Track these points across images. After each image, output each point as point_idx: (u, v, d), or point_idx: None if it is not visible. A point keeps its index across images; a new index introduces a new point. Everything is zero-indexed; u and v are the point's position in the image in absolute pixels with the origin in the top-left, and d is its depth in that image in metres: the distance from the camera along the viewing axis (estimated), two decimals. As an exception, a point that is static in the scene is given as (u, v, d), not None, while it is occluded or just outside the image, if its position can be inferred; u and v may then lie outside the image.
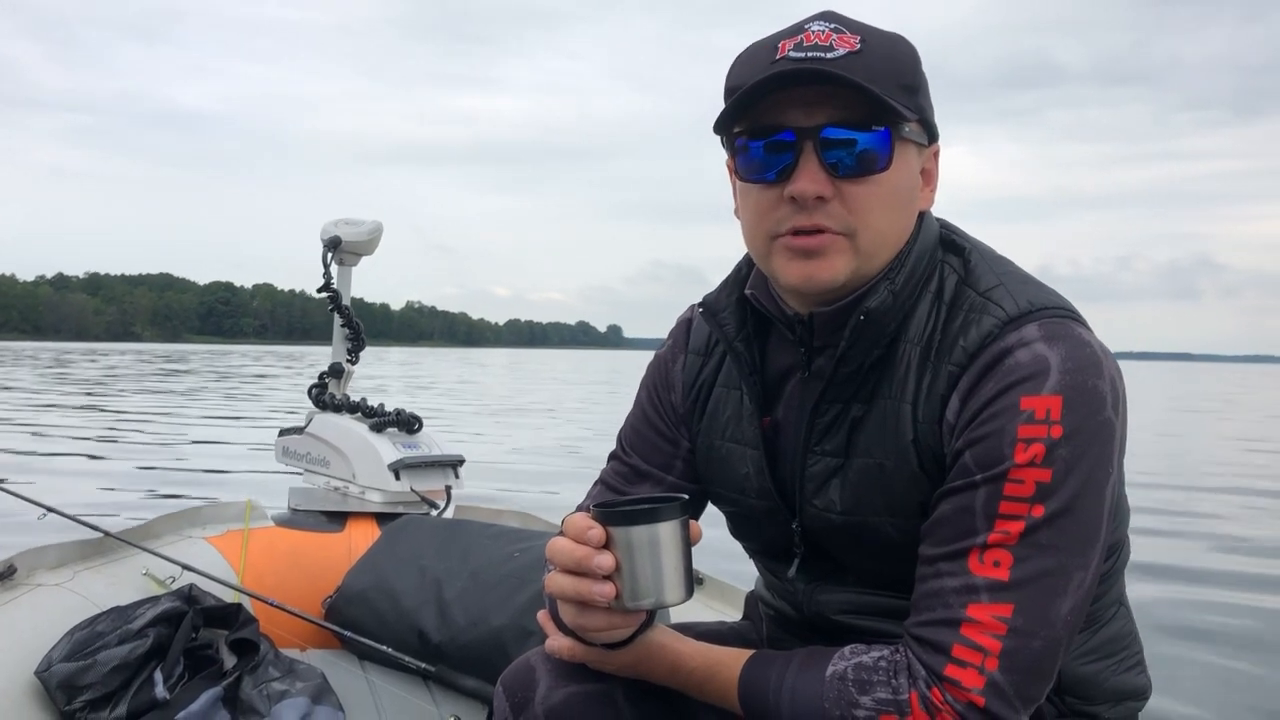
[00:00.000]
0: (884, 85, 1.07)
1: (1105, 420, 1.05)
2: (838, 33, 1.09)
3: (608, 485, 1.37)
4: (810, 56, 1.07)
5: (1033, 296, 1.11)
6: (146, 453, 10.48)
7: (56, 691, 2.07)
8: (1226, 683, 3.90)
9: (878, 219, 1.11)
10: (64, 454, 10.31)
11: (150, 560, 2.56)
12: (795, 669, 1.11)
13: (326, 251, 3.32)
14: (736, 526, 1.34)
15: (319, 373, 3.49)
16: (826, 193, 1.09)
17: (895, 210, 1.13)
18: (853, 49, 1.08)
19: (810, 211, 1.10)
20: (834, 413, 1.17)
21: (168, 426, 13.63)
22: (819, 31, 1.09)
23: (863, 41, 1.09)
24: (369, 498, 3.10)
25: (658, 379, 1.37)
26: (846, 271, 1.12)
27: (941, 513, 1.07)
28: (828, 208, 1.09)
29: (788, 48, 1.09)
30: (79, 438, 11.90)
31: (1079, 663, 1.19)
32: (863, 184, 1.09)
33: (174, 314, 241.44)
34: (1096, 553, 1.05)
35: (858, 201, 1.10)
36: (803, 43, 1.09)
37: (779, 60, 1.09)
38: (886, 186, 1.10)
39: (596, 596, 1.05)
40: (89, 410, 16.64)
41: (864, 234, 1.11)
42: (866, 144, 1.08)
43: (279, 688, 2.23)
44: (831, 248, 1.11)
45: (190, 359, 58.74)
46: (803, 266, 1.12)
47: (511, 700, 1.23)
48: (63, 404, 18.17)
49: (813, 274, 1.12)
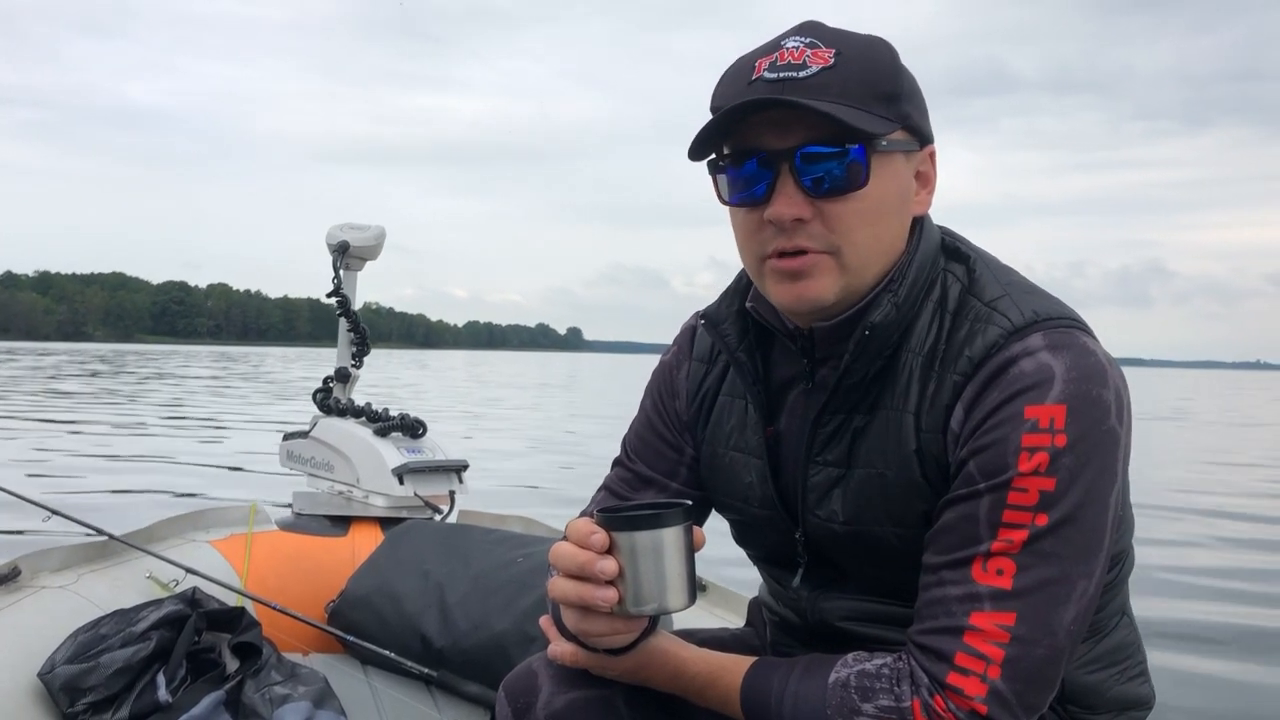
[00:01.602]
0: (859, 98, 1.07)
1: (1109, 429, 1.05)
2: (813, 48, 1.09)
3: (612, 491, 1.37)
4: (783, 77, 1.08)
5: (1038, 306, 1.11)
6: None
7: (59, 694, 2.08)
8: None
9: (861, 235, 1.11)
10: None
11: (154, 563, 2.56)
12: (798, 676, 1.11)
13: (336, 256, 3.33)
14: (740, 534, 1.34)
15: (324, 377, 3.50)
16: (805, 214, 1.09)
17: (880, 224, 1.12)
18: (826, 64, 1.08)
19: (791, 234, 1.10)
20: (836, 423, 1.17)
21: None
22: (793, 49, 1.09)
23: (837, 54, 1.08)
24: (373, 502, 3.10)
25: (663, 386, 1.37)
26: (835, 289, 1.12)
27: (945, 521, 1.07)
28: (808, 228, 1.10)
29: (763, 67, 1.09)
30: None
31: (1082, 672, 1.19)
32: (842, 202, 1.09)
33: (126, 313, 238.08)
34: (1100, 562, 1.05)
35: (838, 220, 1.09)
36: (776, 62, 1.09)
37: (754, 81, 1.09)
38: (868, 202, 1.10)
39: (599, 601, 1.05)
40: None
41: (849, 251, 1.11)
42: (842, 162, 1.08)
43: (281, 692, 2.23)
44: (816, 268, 1.11)
45: (121, 359, 55.99)
46: (790, 288, 1.12)
47: (514, 705, 1.23)
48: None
49: (800, 294, 1.12)
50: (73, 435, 12.66)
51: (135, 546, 2.59)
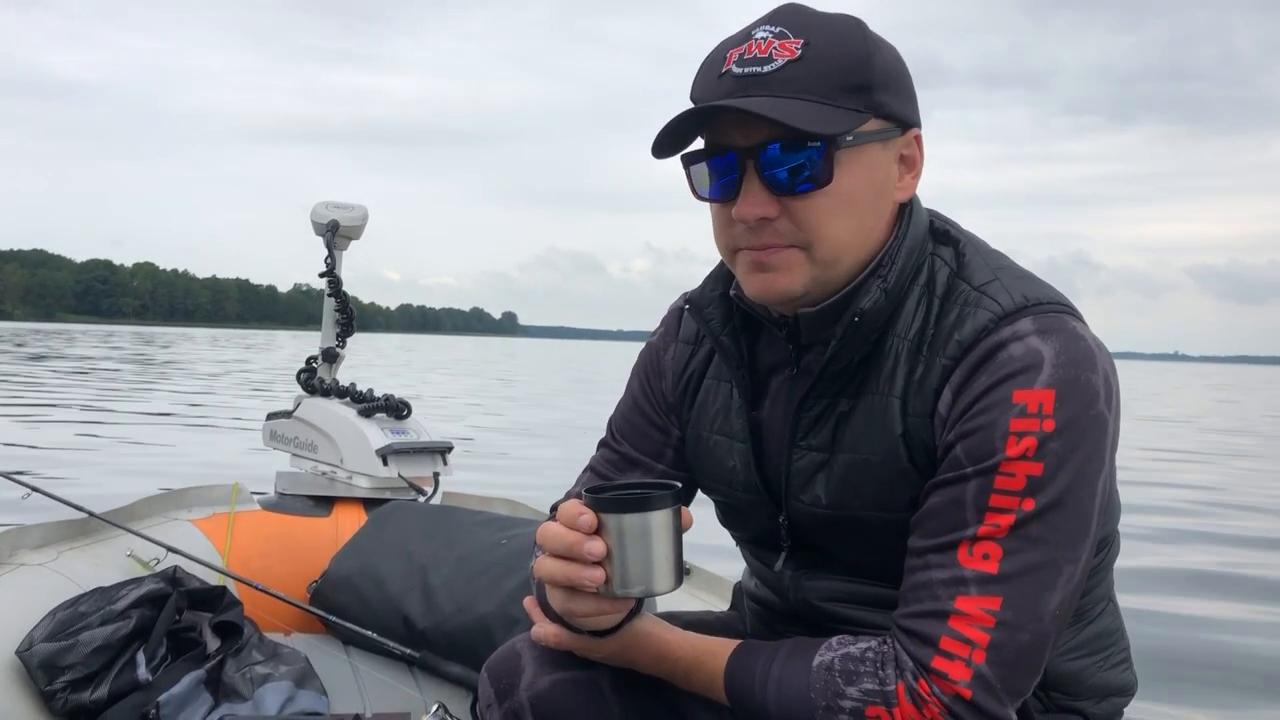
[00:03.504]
0: (825, 92, 1.06)
1: (1098, 415, 1.05)
2: (781, 38, 1.07)
3: (597, 473, 1.36)
4: (748, 73, 1.07)
5: (1028, 291, 1.10)
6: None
7: (37, 671, 2.06)
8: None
9: (830, 229, 1.09)
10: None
11: (135, 541, 2.54)
12: (782, 659, 1.11)
13: (328, 236, 3.33)
14: (725, 516, 1.34)
15: (306, 357, 3.48)
16: (770, 213, 1.08)
17: (851, 216, 1.10)
18: (793, 56, 1.06)
19: (759, 232, 1.09)
20: (821, 408, 1.17)
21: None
22: (761, 40, 1.08)
23: (805, 45, 1.06)
24: (356, 483, 3.09)
25: (649, 367, 1.36)
26: (804, 281, 1.11)
27: (931, 505, 1.07)
28: (775, 225, 1.09)
29: (733, 59, 1.08)
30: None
31: (1065, 658, 1.19)
32: (809, 198, 1.08)
33: (48, 292, 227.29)
34: (1087, 547, 1.05)
35: (806, 216, 1.08)
36: (744, 55, 1.08)
37: (724, 75, 1.08)
38: (836, 196, 1.08)
39: (586, 582, 1.04)
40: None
41: (819, 246, 1.10)
42: (807, 159, 1.07)
43: (262, 671, 2.23)
44: (784, 262, 1.10)
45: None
46: (760, 279, 1.12)
47: (496, 686, 1.22)
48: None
49: (769, 285, 1.11)
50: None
51: (116, 524, 2.57)
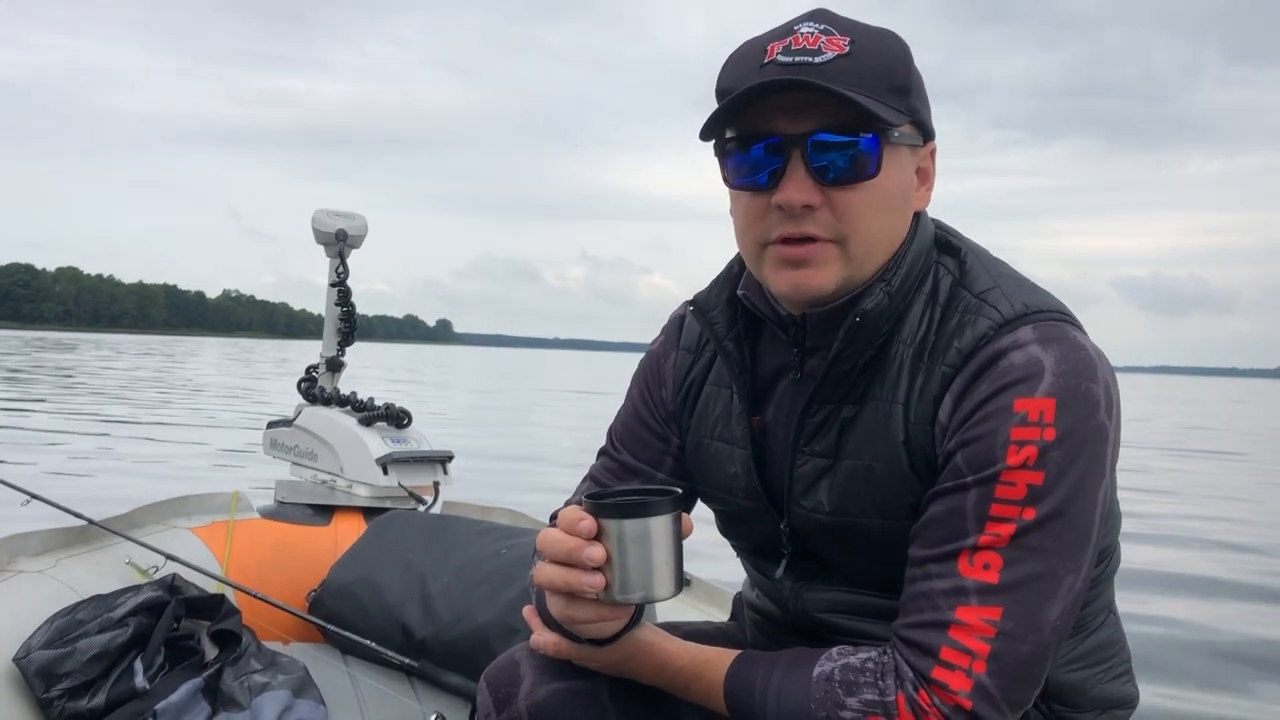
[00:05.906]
0: (873, 88, 1.06)
1: (1099, 424, 1.04)
2: (827, 34, 1.08)
3: (597, 481, 1.36)
4: (798, 61, 1.07)
5: (1028, 299, 1.10)
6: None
7: (35, 679, 2.05)
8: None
9: (868, 225, 1.10)
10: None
11: (133, 549, 2.54)
12: (782, 670, 1.10)
13: (337, 245, 3.36)
14: (725, 525, 1.33)
15: (306, 366, 3.49)
16: (814, 201, 1.08)
17: (886, 215, 1.11)
18: (842, 51, 1.07)
19: (798, 220, 1.09)
20: (824, 413, 1.16)
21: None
22: (808, 34, 1.08)
23: (852, 43, 1.07)
24: (356, 492, 3.09)
25: (649, 375, 1.36)
26: (836, 279, 1.11)
27: (932, 514, 1.07)
28: (816, 215, 1.09)
29: (776, 50, 1.08)
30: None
31: (1066, 669, 1.18)
32: (852, 191, 1.08)
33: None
34: (1087, 557, 1.04)
35: (847, 208, 1.09)
36: (791, 46, 1.08)
37: (767, 65, 1.08)
38: (877, 192, 1.09)
39: (586, 588, 1.03)
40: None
41: (854, 241, 1.10)
42: (855, 151, 1.07)
43: (260, 680, 2.22)
44: (821, 256, 1.10)
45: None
46: (791, 275, 1.11)
47: (495, 696, 1.22)
48: None
49: (801, 282, 1.11)
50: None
51: (115, 532, 2.56)
